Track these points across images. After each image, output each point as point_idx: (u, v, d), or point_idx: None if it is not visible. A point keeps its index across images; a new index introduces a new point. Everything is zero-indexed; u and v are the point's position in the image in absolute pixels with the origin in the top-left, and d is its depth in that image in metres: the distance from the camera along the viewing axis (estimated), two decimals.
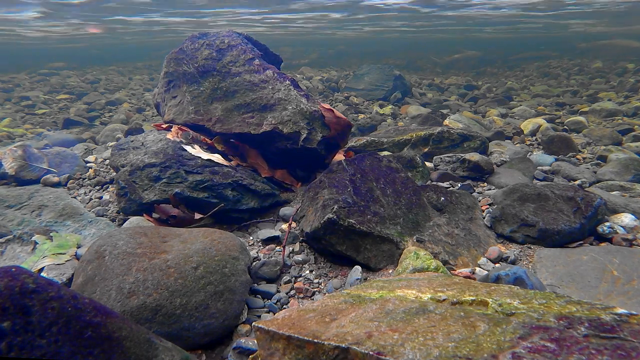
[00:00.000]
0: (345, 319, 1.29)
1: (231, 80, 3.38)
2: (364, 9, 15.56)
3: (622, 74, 11.52)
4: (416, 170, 3.43)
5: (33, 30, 18.60)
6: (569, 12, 16.46)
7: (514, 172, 3.60)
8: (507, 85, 10.59)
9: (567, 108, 7.41)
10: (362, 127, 6.03)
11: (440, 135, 4.20)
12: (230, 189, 2.84)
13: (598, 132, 5.14)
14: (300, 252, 2.50)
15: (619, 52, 16.95)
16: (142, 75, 14.46)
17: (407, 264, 2.04)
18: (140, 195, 2.79)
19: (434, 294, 1.40)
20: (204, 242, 2.02)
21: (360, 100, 8.22)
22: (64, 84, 11.33)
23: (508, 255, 2.38)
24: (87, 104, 8.63)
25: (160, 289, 1.71)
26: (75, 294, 1.22)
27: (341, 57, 21.90)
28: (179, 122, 3.46)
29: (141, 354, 1.28)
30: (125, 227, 2.58)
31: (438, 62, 17.71)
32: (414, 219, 2.49)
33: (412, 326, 1.16)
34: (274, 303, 2.08)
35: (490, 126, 5.92)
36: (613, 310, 1.14)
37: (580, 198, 2.58)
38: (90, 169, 3.70)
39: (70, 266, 2.22)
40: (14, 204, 2.94)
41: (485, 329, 1.11)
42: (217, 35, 3.67)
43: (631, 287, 1.97)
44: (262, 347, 1.28)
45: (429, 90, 10.16)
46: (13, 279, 1.10)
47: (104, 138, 5.72)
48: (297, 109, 3.15)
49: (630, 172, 3.58)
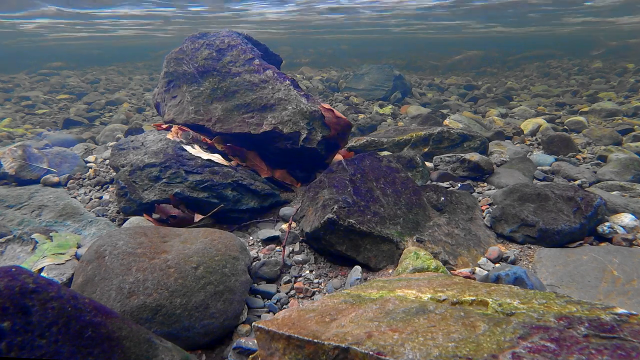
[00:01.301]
0: (345, 319, 1.29)
1: (231, 80, 3.38)
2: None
3: (622, 74, 11.52)
4: (416, 170, 3.43)
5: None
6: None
7: (514, 172, 3.60)
8: (507, 85, 10.59)
9: (567, 108, 7.41)
10: (362, 127, 6.03)
11: (440, 135, 4.20)
12: (230, 189, 2.84)
13: (598, 132, 5.14)
14: (300, 252, 2.50)
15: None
16: (142, 75, 14.46)
17: (407, 264, 2.04)
18: (140, 195, 2.79)
19: (434, 294, 1.40)
20: (204, 242, 2.02)
21: (360, 100, 8.22)
22: (64, 83, 11.33)
23: (508, 255, 2.38)
24: (87, 104, 8.63)
25: (160, 289, 1.71)
26: (75, 294, 1.22)
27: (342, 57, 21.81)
28: (179, 122, 3.46)
29: (141, 354, 1.28)
30: (125, 227, 2.58)
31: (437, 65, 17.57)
32: (414, 219, 2.49)
33: (412, 326, 1.16)
34: (274, 303, 2.08)
35: (490, 126, 5.92)
36: (613, 310, 1.14)
37: (580, 198, 2.58)
38: (90, 169, 3.70)
39: (70, 266, 2.22)
40: (14, 204, 2.94)
41: (485, 329, 1.11)
42: (217, 35, 3.67)
43: (631, 287, 1.97)
44: (262, 347, 1.28)
45: (429, 90, 10.16)
46: (13, 279, 1.10)
47: (104, 138, 5.72)
48: (297, 109, 3.15)
49: (630, 172, 3.58)
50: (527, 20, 19.36)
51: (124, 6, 13.89)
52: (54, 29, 19.29)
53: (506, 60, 18.17)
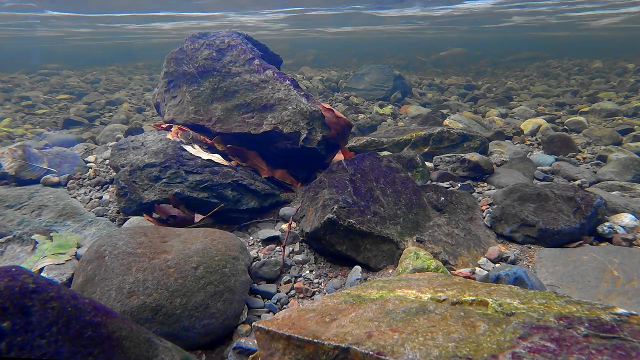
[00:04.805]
0: (345, 319, 1.29)
1: (231, 80, 3.38)
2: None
3: (622, 74, 11.52)
4: (416, 170, 3.43)
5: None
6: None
7: (514, 172, 3.60)
8: (507, 85, 10.59)
9: (567, 108, 7.41)
10: (362, 127, 6.03)
11: (440, 135, 4.20)
12: (230, 189, 2.84)
13: (598, 132, 5.14)
14: (300, 252, 2.50)
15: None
16: (142, 75, 14.46)
17: (407, 264, 2.04)
18: (140, 195, 2.78)
19: (434, 294, 1.40)
20: (204, 242, 2.02)
21: (360, 100, 8.21)
22: (63, 84, 11.33)
23: (508, 255, 2.38)
24: (87, 104, 8.64)
25: (160, 289, 1.71)
26: (75, 294, 1.22)
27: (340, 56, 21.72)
28: (179, 122, 3.46)
29: (141, 354, 1.28)
30: (125, 227, 2.58)
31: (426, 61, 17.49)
32: (414, 219, 2.49)
33: (412, 326, 1.16)
34: (274, 303, 2.08)
35: (490, 126, 5.92)
36: (613, 310, 1.14)
37: (580, 198, 2.58)
38: (90, 169, 3.70)
39: (70, 266, 2.22)
40: (14, 204, 2.94)
41: (485, 329, 1.10)
42: (217, 35, 3.67)
43: (631, 287, 1.97)
44: (262, 347, 1.28)
45: (429, 90, 10.16)
46: (13, 279, 1.10)
47: (104, 138, 5.72)
48: (297, 109, 3.15)
49: (630, 172, 3.58)
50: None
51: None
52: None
53: (497, 61, 18.14)
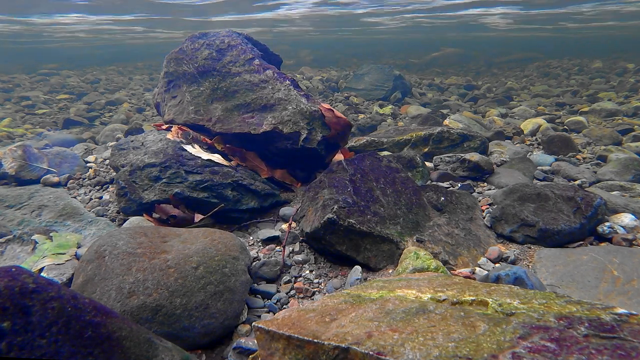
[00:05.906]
0: (345, 319, 1.29)
1: (231, 80, 3.38)
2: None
3: (622, 74, 11.52)
4: (416, 170, 3.43)
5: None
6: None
7: (514, 172, 3.60)
8: (507, 85, 10.59)
9: (567, 108, 7.41)
10: (362, 127, 6.03)
11: (440, 135, 4.20)
12: (230, 189, 2.84)
13: (598, 132, 5.14)
14: (300, 252, 2.50)
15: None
16: (142, 75, 14.46)
17: (407, 264, 2.04)
18: (140, 195, 2.78)
19: (434, 294, 1.40)
20: (204, 242, 2.02)
21: (360, 100, 8.21)
22: (63, 83, 11.33)
23: (508, 255, 2.38)
24: (87, 104, 8.63)
25: (160, 289, 1.71)
26: (75, 294, 1.22)
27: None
28: (179, 122, 3.46)
29: (141, 354, 1.28)
30: (125, 227, 2.58)
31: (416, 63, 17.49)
32: (414, 219, 2.49)
33: (412, 326, 1.16)
34: (274, 303, 2.08)
35: (490, 126, 5.92)
36: (613, 310, 1.14)
37: (580, 198, 2.58)
38: (90, 169, 3.70)
39: (70, 266, 2.22)
40: (14, 204, 2.94)
41: (485, 329, 1.10)
42: (217, 35, 3.67)
43: (631, 287, 1.97)
44: (262, 347, 1.28)
45: (429, 90, 10.16)
46: (13, 279, 1.10)
47: (104, 138, 5.72)
48: (297, 109, 3.15)
49: (630, 172, 3.58)
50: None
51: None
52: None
53: (491, 61, 18.14)
